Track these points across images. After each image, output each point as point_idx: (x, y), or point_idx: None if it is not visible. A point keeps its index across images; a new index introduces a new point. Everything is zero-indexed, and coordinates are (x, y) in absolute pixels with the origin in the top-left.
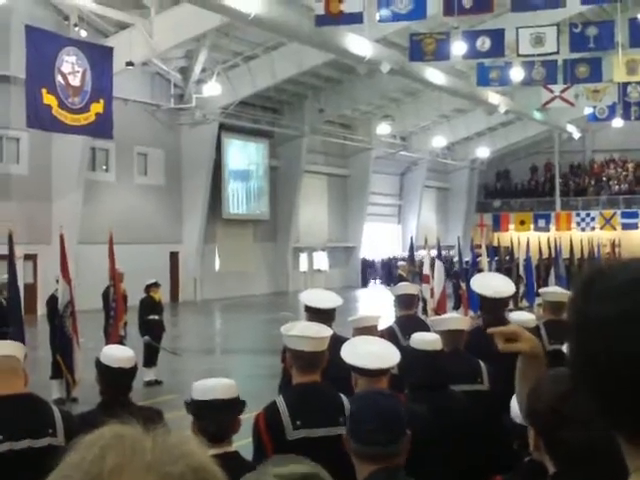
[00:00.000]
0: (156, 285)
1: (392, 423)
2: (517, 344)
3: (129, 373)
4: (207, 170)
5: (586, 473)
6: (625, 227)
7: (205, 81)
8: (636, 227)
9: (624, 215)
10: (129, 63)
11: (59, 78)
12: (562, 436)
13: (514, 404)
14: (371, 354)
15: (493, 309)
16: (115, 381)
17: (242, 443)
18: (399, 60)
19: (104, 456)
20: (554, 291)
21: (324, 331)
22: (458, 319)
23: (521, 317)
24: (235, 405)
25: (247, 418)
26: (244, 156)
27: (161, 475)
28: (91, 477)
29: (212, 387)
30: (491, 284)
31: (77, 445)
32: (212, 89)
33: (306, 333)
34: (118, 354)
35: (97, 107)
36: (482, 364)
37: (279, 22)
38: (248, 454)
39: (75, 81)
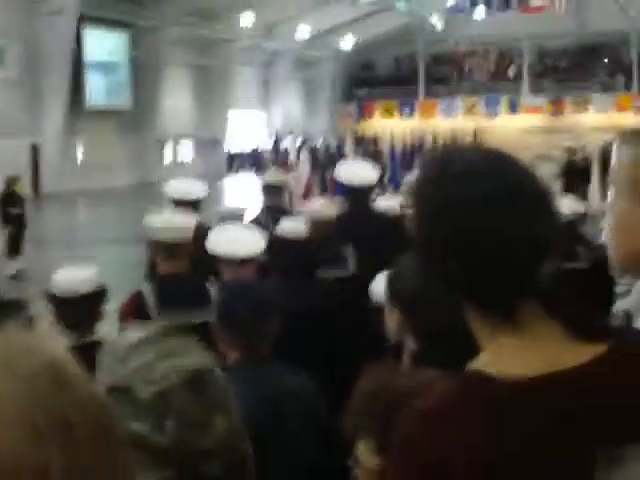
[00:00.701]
0: (16, 179)
1: (259, 312)
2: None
3: None
4: (67, 62)
5: (446, 349)
6: (487, 114)
7: None
8: (497, 114)
9: (487, 102)
10: None
11: None
12: (427, 316)
13: (375, 287)
14: (236, 242)
15: (357, 197)
16: None
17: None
18: None
19: None
20: None
21: (187, 220)
22: (325, 206)
23: (386, 203)
24: (96, 296)
25: (112, 308)
26: (105, 47)
27: (10, 373)
28: None
29: (71, 280)
30: (356, 171)
31: None
32: None
33: (170, 223)
34: None
35: None
36: (349, 250)
37: None
38: None
39: None
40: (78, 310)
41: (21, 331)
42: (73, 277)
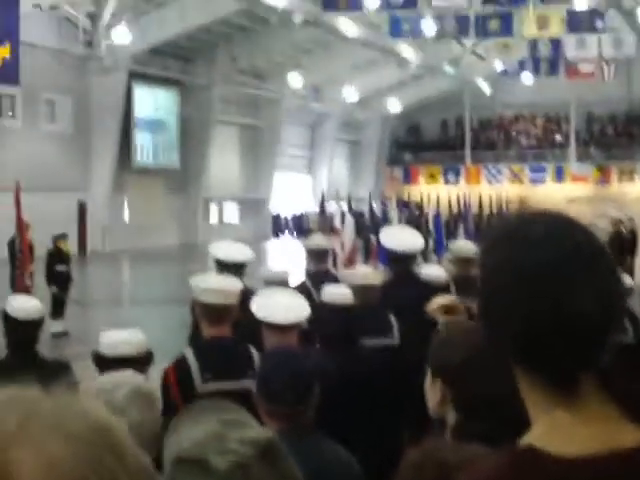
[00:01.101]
0: (64, 237)
1: (300, 382)
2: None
3: (35, 324)
4: (116, 119)
5: (489, 421)
6: (533, 181)
7: (115, 27)
8: (543, 182)
9: (532, 169)
10: (36, 5)
11: None
12: (472, 388)
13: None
14: (280, 307)
15: (402, 263)
16: (22, 333)
17: None
18: (312, 10)
19: (2, 421)
20: (463, 246)
21: (234, 284)
22: (370, 273)
23: (431, 271)
24: (142, 359)
25: (155, 370)
26: (154, 105)
27: (63, 436)
28: None
29: (119, 341)
30: (400, 238)
31: None
32: (122, 36)
33: (215, 286)
34: (24, 304)
35: (3, 51)
36: (392, 318)
37: None
38: None
39: None
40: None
41: (68, 393)
42: (120, 338)
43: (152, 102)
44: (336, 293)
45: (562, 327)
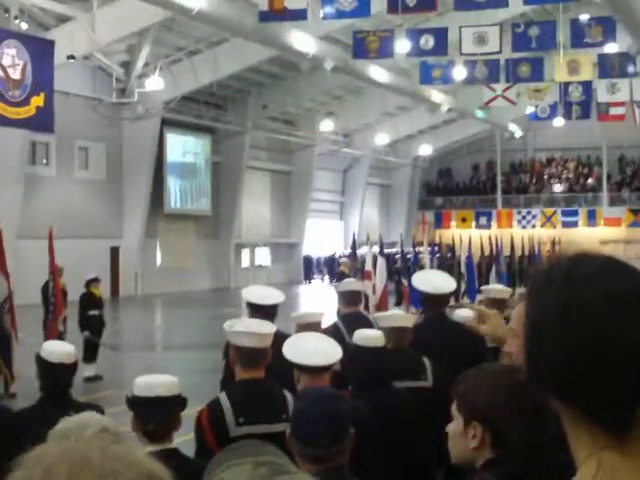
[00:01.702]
0: (96, 280)
1: (335, 424)
2: (481, 325)
3: (69, 368)
4: (149, 165)
5: (522, 464)
6: (565, 225)
7: (148, 75)
8: (576, 225)
9: (564, 213)
10: (70, 57)
11: None
12: (513, 429)
13: None
14: (313, 351)
15: (435, 305)
16: (55, 376)
17: (184, 439)
18: (342, 57)
19: (52, 472)
20: (496, 288)
21: (267, 327)
22: (402, 316)
23: (463, 314)
24: (176, 402)
25: (188, 414)
26: (186, 151)
27: None
28: None
29: (153, 384)
30: (433, 281)
31: (22, 462)
32: (154, 83)
33: (250, 329)
34: (58, 349)
35: (38, 100)
36: (426, 360)
37: (223, 17)
38: (189, 451)
39: (15, 74)
40: (159, 415)
41: (117, 443)
42: (155, 381)
43: (184, 148)
44: (368, 335)
45: (625, 359)
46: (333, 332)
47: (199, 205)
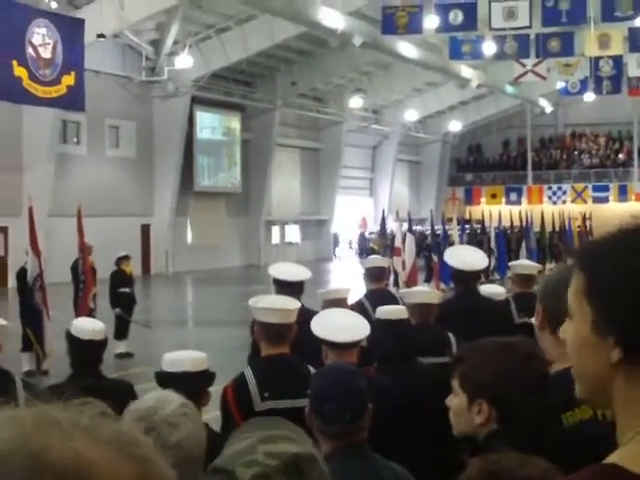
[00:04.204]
0: (127, 258)
1: (354, 400)
2: None
3: (99, 345)
4: (179, 143)
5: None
6: (596, 200)
7: (177, 53)
8: (607, 201)
9: (595, 189)
10: (100, 35)
11: (30, 50)
12: (519, 403)
13: None
14: (340, 327)
15: (465, 281)
16: (85, 353)
17: (212, 415)
18: (371, 33)
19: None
20: (524, 264)
21: (292, 303)
22: (428, 292)
23: (491, 290)
24: (203, 377)
25: (217, 390)
26: (216, 129)
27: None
28: None
29: (181, 359)
30: (463, 257)
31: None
32: (184, 61)
33: (274, 305)
34: (88, 326)
35: (68, 79)
36: (451, 336)
37: None
38: (218, 427)
39: (46, 53)
40: (186, 389)
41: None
42: (183, 357)
43: (214, 126)
44: (393, 310)
45: None
46: (358, 309)
47: (229, 182)
